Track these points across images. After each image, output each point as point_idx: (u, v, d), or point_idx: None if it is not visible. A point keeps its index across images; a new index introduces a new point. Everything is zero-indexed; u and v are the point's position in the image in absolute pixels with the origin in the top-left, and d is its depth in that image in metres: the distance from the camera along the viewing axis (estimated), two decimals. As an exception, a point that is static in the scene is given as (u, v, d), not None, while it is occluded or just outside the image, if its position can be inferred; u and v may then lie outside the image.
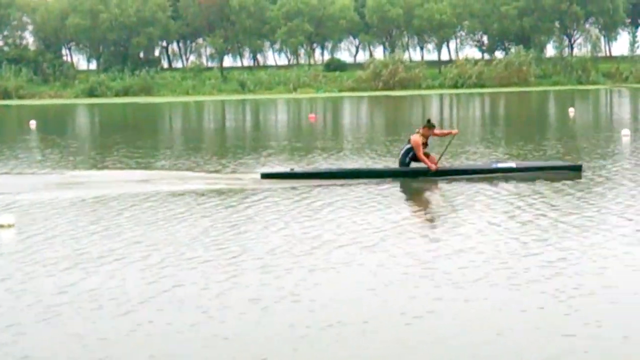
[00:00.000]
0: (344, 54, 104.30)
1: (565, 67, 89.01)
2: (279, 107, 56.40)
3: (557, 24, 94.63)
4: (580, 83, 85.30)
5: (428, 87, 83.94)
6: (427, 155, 15.13)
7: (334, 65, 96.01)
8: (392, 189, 14.05)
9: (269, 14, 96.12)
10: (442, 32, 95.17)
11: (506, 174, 14.69)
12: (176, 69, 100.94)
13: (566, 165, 15.69)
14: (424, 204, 13.17)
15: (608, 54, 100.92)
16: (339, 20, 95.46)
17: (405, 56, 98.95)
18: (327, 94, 78.66)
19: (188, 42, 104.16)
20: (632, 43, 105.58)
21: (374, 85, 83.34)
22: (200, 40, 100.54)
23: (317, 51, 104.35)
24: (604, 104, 50.58)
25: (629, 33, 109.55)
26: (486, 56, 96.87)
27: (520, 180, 14.19)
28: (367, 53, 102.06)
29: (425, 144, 15.16)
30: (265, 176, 15.21)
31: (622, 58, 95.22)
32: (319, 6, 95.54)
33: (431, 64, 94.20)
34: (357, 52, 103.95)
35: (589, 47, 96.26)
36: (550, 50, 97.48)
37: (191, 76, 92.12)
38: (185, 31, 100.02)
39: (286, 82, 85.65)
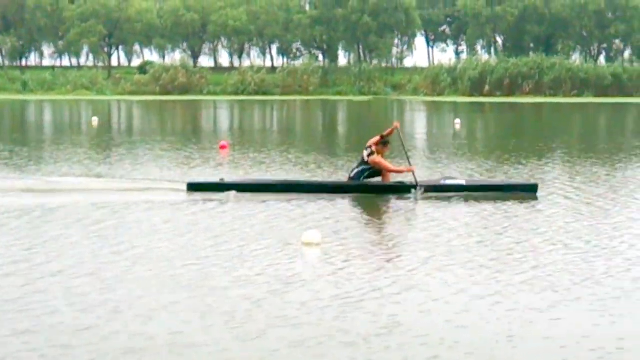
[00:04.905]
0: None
1: (351, 77, 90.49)
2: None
3: (349, 34, 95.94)
4: (363, 94, 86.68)
5: (209, 94, 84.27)
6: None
7: (147, 68, 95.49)
8: (333, 204, 13.34)
9: (65, 15, 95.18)
10: (236, 39, 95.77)
11: (456, 193, 13.98)
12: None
13: (521, 184, 14.97)
14: (348, 221, 12.10)
15: (427, 64, 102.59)
16: (135, 24, 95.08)
17: (209, 62, 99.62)
18: (99, 97, 78.27)
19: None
20: (458, 53, 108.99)
21: (152, 90, 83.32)
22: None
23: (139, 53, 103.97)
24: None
25: (454, 44, 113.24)
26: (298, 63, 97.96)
27: (471, 199, 13.66)
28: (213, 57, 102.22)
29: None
30: (193, 187, 14.31)
31: (421, 69, 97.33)
32: (116, 8, 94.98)
33: (224, 70, 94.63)
34: (199, 55, 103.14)
35: (379, 57, 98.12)
36: (345, 60, 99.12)
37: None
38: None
39: (67, 84, 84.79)
